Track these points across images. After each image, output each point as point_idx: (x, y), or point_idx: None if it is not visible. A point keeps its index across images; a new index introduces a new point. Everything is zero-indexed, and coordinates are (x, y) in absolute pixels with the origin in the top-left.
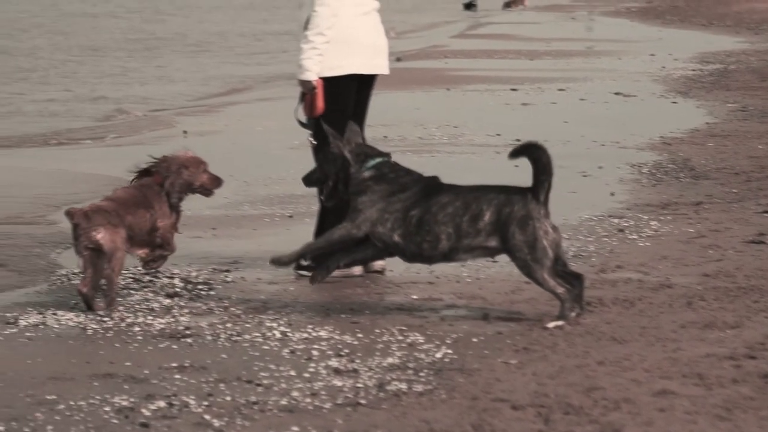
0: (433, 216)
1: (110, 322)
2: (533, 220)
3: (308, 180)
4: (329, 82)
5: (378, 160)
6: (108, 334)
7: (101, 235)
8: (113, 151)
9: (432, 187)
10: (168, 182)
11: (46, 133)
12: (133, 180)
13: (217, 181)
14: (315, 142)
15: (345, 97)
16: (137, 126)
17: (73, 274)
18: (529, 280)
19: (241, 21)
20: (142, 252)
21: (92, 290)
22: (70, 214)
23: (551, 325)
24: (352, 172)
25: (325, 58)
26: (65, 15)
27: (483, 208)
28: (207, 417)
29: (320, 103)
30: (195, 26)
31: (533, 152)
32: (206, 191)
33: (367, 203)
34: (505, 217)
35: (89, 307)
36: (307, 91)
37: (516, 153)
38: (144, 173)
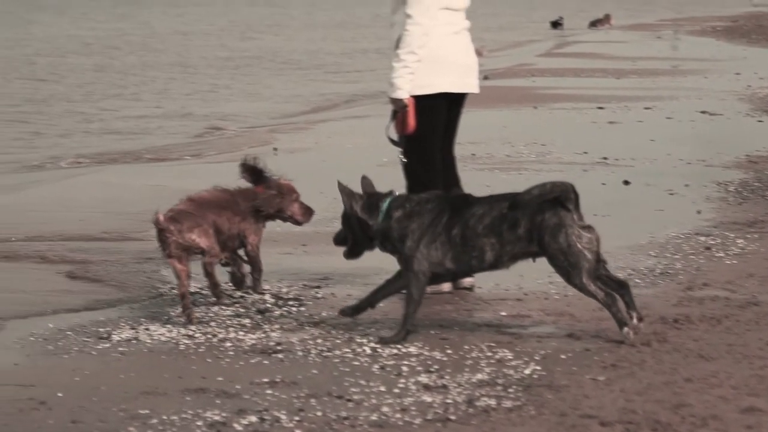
0: (473, 230)
1: (202, 338)
2: (565, 228)
3: (337, 240)
4: (420, 101)
5: (387, 201)
6: (200, 350)
7: (195, 235)
8: (210, 167)
9: (459, 202)
10: (263, 197)
11: (140, 149)
12: (242, 172)
13: (308, 213)
14: (405, 160)
15: (436, 116)
16: (232, 142)
17: (171, 288)
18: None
19: (330, 39)
20: (223, 255)
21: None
22: (157, 221)
23: (624, 331)
24: (372, 225)
25: (417, 76)
26: (157, 33)
27: (518, 217)
28: None
29: (411, 121)
30: (285, 44)
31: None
32: (295, 221)
33: (412, 246)
34: (537, 225)
35: (189, 319)
36: (398, 109)
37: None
38: (254, 173)
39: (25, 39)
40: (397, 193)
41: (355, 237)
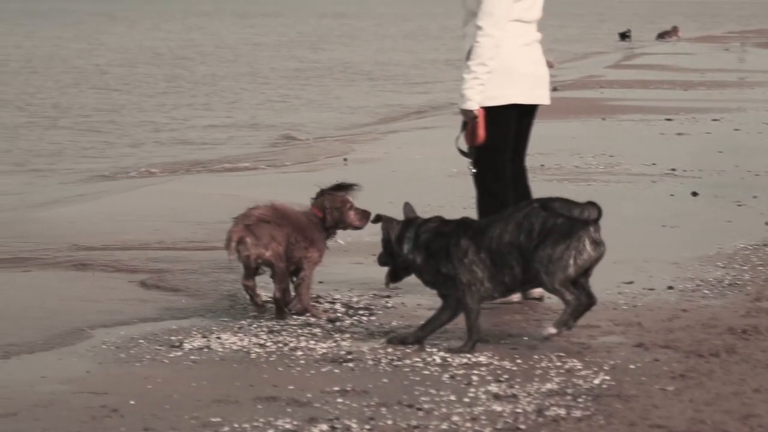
0: (498, 249)
1: (273, 347)
2: (570, 239)
3: (379, 262)
4: (490, 112)
5: (412, 232)
6: (271, 358)
7: (269, 253)
8: (283, 177)
9: (472, 224)
10: (328, 218)
11: (213, 159)
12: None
13: (364, 217)
14: (475, 171)
15: (506, 127)
16: (305, 152)
17: (246, 300)
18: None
19: (399, 50)
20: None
21: (254, 284)
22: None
23: (546, 332)
24: (402, 255)
25: (487, 87)
26: (228, 44)
27: (533, 222)
28: None
29: (481, 132)
30: (355, 55)
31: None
32: (355, 227)
33: (463, 271)
34: (549, 226)
35: (253, 300)
36: (468, 120)
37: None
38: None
39: (96, 49)
40: (421, 219)
41: (393, 264)
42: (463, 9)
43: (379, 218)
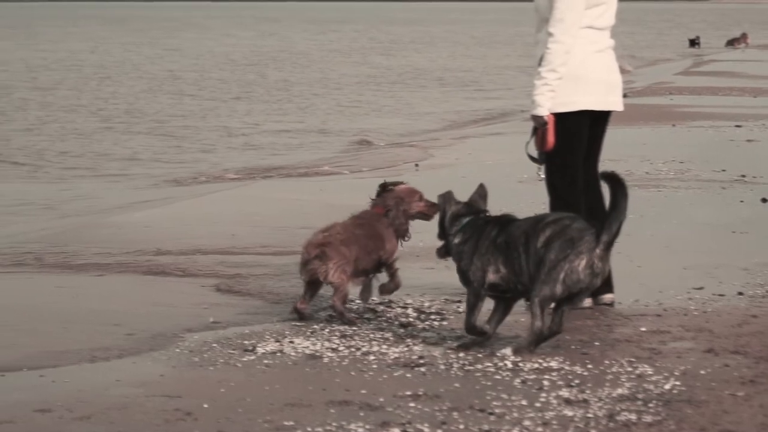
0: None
1: (346, 351)
2: (572, 252)
3: (438, 235)
4: (561, 118)
5: (466, 220)
6: (344, 363)
7: (333, 273)
8: (358, 182)
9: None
10: (391, 215)
11: (287, 164)
12: (376, 196)
13: (433, 207)
14: (543, 177)
15: (576, 133)
16: (379, 158)
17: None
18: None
19: (470, 57)
20: (360, 280)
21: (309, 308)
22: (306, 250)
23: (500, 353)
24: (449, 236)
25: (558, 94)
26: (301, 50)
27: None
28: None
29: (551, 138)
30: (427, 61)
31: (614, 185)
32: (424, 216)
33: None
34: (559, 230)
35: (301, 318)
36: (538, 126)
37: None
38: (382, 192)
39: (170, 55)
40: (481, 216)
41: (443, 239)
42: (536, 15)
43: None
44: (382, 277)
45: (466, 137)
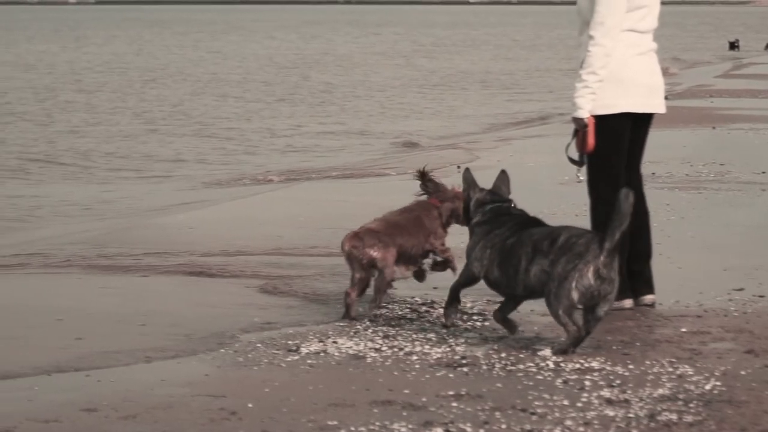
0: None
1: (389, 351)
2: (581, 262)
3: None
4: (602, 120)
5: (489, 207)
6: (387, 363)
7: (375, 253)
8: (403, 184)
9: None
10: (444, 207)
11: (332, 166)
12: (421, 185)
13: None
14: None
15: (617, 135)
16: (423, 159)
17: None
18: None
19: (514, 59)
20: (411, 269)
21: (357, 297)
22: (346, 239)
23: (541, 353)
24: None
25: (599, 96)
26: (343, 53)
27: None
28: None
29: (591, 140)
30: (470, 64)
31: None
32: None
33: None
34: (569, 245)
35: (347, 312)
36: (579, 128)
37: None
38: (427, 185)
39: (213, 57)
40: (514, 207)
41: (467, 223)
42: (579, 18)
43: (466, 171)
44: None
45: (507, 139)
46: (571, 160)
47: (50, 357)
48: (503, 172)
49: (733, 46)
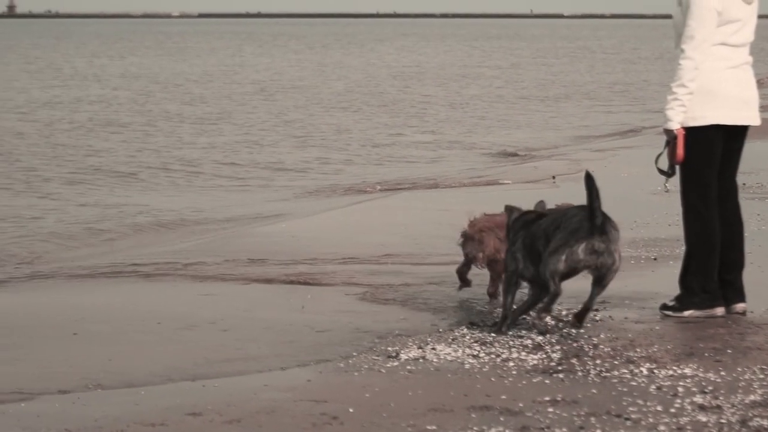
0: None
1: (486, 358)
2: (572, 239)
3: None
4: (693, 132)
5: (519, 224)
6: (484, 369)
7: (490, 248)
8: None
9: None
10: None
11: (429, 176)
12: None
13: None
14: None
15: (708, 147)
16: (521, 170)
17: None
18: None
19: (607, 72)
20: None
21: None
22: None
23: (537, 319)
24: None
25: (689, 108)
26: (435, 65)
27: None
28: None
29: (680, 152)
30: (558, 77)
31: (585, 180)
32: None
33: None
34: (565, 223)
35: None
36: (669, 140)
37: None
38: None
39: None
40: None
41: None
42: (675, 32)
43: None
44: None
45: (601, 150)
46: (660, 171)
47: (158, 364)
48: (541, 202)
49: None
